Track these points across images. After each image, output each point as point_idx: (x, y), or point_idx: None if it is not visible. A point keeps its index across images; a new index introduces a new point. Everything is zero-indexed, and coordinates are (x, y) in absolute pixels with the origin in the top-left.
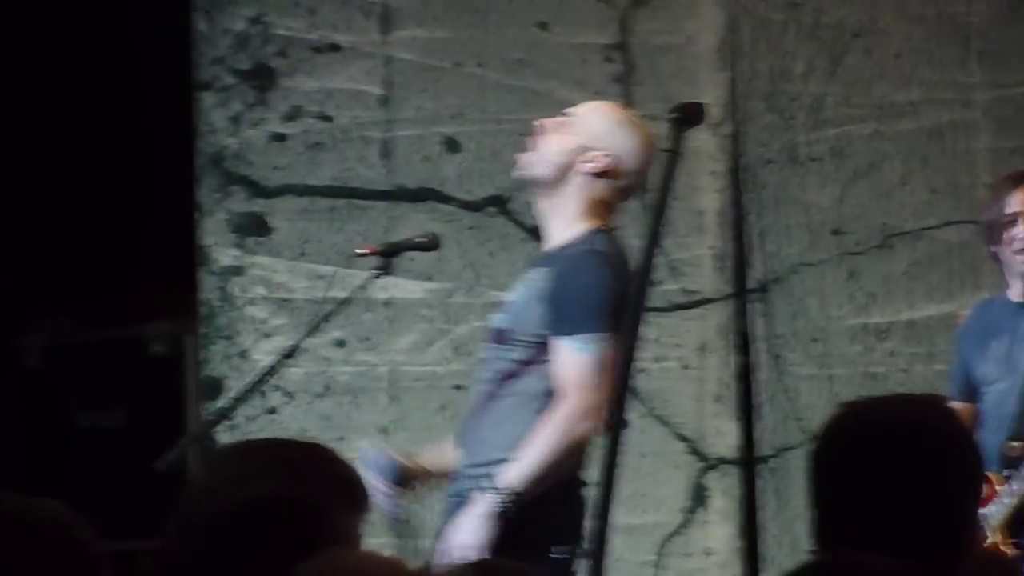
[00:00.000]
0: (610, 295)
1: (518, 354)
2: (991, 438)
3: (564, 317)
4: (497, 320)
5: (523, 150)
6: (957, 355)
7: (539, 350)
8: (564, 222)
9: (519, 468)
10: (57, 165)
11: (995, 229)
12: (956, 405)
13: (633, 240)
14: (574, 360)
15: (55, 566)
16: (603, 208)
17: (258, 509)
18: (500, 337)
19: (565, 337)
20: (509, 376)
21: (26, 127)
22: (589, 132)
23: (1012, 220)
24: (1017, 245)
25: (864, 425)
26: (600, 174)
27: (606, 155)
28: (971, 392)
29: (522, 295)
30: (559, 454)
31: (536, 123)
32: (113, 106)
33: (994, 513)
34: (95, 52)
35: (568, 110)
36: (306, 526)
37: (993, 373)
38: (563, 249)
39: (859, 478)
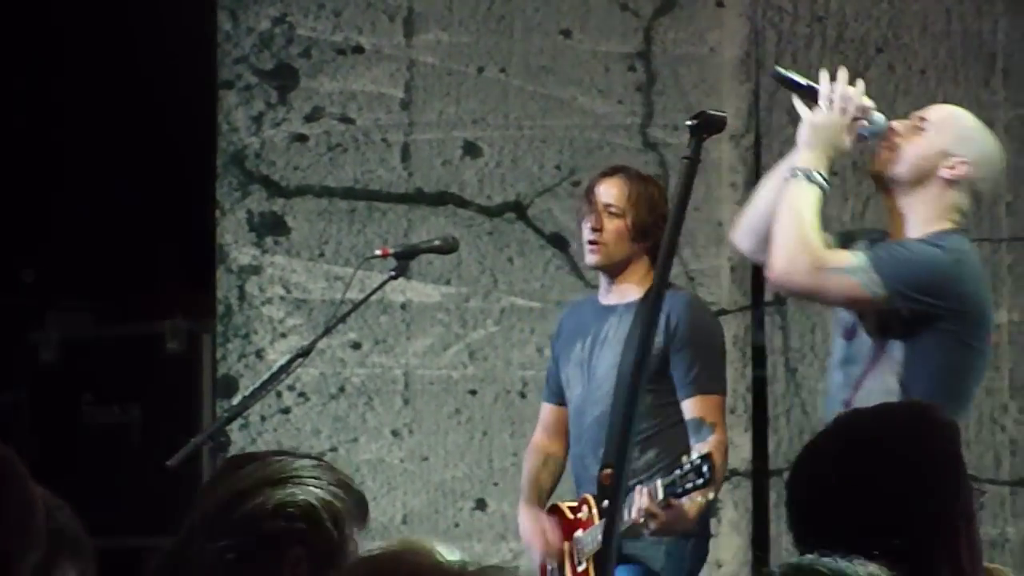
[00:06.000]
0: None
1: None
2: (590, 457)
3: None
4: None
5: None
6: (551, 357)
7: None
8: (916, 223)
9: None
10: (78, 160)
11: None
12: (549, 408)
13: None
14: None
15: None
16: (955, 212)
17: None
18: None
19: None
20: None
21: (48, 122)
22: (948, 138)
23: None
24: (586, 236)
25: (832, 437)
26: (956, 180)
27: (964, 162)
28: (563, 396)
29: None
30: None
31: (891, 124)
32: (135, 102)
33: (589, 541)
34: (119, 48)
35: (921, 114)
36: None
37: (574, 377)
38: None
39: (827, 489)
